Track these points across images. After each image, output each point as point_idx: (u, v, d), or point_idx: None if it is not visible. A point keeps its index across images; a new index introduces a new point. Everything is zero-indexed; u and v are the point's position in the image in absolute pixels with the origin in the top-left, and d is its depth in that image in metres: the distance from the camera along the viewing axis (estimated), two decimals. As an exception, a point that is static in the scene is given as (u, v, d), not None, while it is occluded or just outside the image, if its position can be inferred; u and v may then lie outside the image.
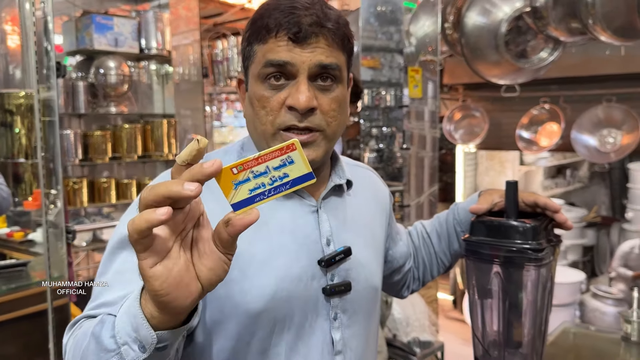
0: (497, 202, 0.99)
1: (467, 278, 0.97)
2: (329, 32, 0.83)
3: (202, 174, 0.54)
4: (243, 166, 0.57)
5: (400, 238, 1.17)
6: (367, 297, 0.95)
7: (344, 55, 0.88)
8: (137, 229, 0.52)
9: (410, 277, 1.20)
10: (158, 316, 0.59)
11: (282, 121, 0.84)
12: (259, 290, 0.83)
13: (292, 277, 0.86)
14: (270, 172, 0.58)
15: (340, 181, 0.96)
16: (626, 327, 1.61)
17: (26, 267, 2.54)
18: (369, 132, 3.53)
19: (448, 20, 3.29)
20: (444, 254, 1.17)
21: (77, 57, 3.91)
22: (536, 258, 0.87)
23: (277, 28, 0.82)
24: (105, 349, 0.62)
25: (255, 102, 0.86)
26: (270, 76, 0.84)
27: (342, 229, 0.93)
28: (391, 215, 1.13)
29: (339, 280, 0.90)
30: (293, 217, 0.89)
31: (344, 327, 0.90)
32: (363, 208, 1.01)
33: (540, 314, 0.92)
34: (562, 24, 2.74)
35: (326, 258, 0.89)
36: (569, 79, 3.80)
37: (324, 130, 0.86)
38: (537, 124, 3.82)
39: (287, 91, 0.84)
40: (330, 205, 0.94)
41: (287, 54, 0.82)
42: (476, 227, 0.94)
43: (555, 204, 0.97)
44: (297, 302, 0.86)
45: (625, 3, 2.45)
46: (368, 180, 1.09)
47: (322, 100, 0.85)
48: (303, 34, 0.81)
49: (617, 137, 3.44)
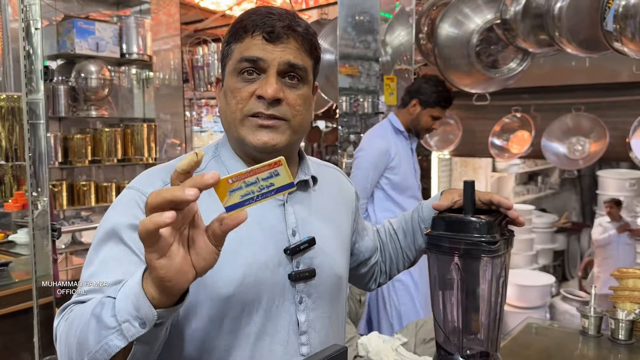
0: (456, 200, 1.08)
1: (429, 270, 1.05)
2: (299, 36, 0.95)
3: (203, 184, 0.64)
4: (237, 178, 0.68)
5: (366, 233, 1.26)
6: (331, 283, 1.04)
7: (310, 61, 0.99)
8: (146, 229, 0.62)
9: (378, 270, 1.29)
10: (158, 297, 0.68)
11: (250, 108, 0.94)
12: (229, 277, 0.92)
13: (260, 264, 0.95)
14: (259, 182, 0.68)
15: (306, 177, 1.05)
16: (584, 321, 1.71)
17: (7, 268, 2.57)
18: (347, 138, 3.60)
19: (422, 30, 3.40)
20: (409, 249, 1.26)
21: (58, 61, 3.92)
22: (490, 250, 0.95)
23: (254, 28, 0.94)
24: (107, 327, 0.71)
25: (229, 94, 0.96)
26: (244, 71, 0.95)
27: (307, 220, 1.03)
28: (357, 212, 1.22)
29: (304, 267, 0.99)
30: (261, 211, 0.97)
31: (309, 310, 1.00)
32: (328, 202, 1.10)
33: (495, 302, 1.01)
34: (530, 36, 2.86)
35: (291, 247, 0.98)
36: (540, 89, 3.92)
37: (289, 120, 0.96)
38: (508, 132, 3.93)
39: (258, 83, 0.94)
40: (296, 199, 1.03)
41: (261, 51, 0.93)
42: (437, 222, 1.03)
43: (507, 201, 1.06)
44: (264, 287, 0.95)
45: (590, 17, 2.56)
46: (334, 178, 1.18)
47: (288, 94, 0.95)
48: (276, 34, 0.93)
49: (586, 145, 3.55)
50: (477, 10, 3.07)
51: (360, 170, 2.78)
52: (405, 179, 2.79)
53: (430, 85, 2.74)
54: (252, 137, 0.95)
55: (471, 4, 3.07)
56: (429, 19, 3.37)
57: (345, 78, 3.33)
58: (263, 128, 0.95)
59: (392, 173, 2.77)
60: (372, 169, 2.74)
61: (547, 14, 2.69)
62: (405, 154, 2.81)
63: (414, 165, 2.86)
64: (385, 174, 2.77)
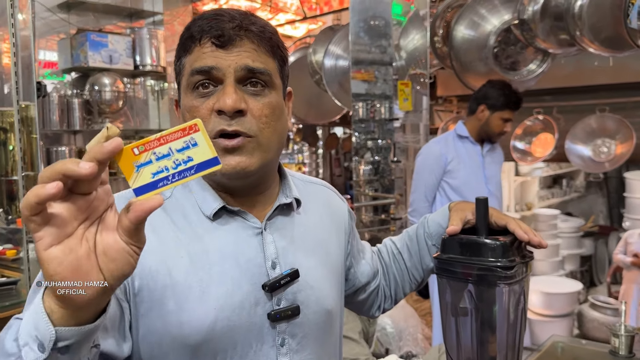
0: (469, 220, 0.99)
1: (439, 295, 0.96)
2: (255, 35, 0.82)
3: (102, 152, 0.52)
4: (145, 146, 0.55)
5: (363, 256, 1.13)
6: (318, 319, 0.91)
7: (274, 62, 0.86)
8: (26, 203, 0.51)
9: (382, 295, 1.17)
10: (57, 310, 0.56)
11: (212, 127, 0.81)
12: (197, 322, 0.80)
13: (234, 306, 0.82)
14: (174, 155, 0.56)
15: (286, 200, 0.92)
16: (614, 341, 1.60)
17: (16, 285, 2.54)
18: (364, 144, 3.52)
19: (437, 33, 3.31)
20: (416, 269, 1.14)
21: (72, 74, 3.93)
22: (506, 276, 0.86)
23: (201, 35, 0.82)
24: (7, 353, 0.59)
25: (187, 115, 0.84)
26: (198, 85, 0.83)
27: (289, 250, 0.90)
28: (352, 233, 1.09)
29: (286, 305, 0.86)
30: (235, 241, 0.86)
31: (293, 352, 0.88)
32: (315, 226, 0.97)
33: (514, 333, 0.92)
34: (550, 36, 2.76)
35: (270, 282, 0.85)
36: (562, 90, 3.82)
37: (256, 136, 0.82)
38: (531, 135, 3.83)
39: (216, 97, 0.82)
40: (277, 225, 0.91)
41: (212, 59, 0.81)
42: (447, 244, 0.94)
43: (523, 234, 0.93)
44: (239, 330, 0.83)
45: (612, 14, 2.46)
46: (323, 197, 1.05)
47: (252, 104, 0.82)
48: (226, 37, 0.80)
49: (611, 147, 3.44)
50: (493, 10, 2.98)
51: (417, 174, 2.86)
52: (467, 184, 2.75)
53: (496, 89, 2.70)
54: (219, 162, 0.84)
55: (487, 4, 2.98)
56: (444, 22, 3.29)
57: (361, 84, 3.25)
58: (229, 152, 0.81)
59: (450, 177, 2.77)
60: (429, 173, 2.80)
61: (567, 12, 2.59)
62: (469, 159, 2.79)
63: (483, 171, 2.80)
64: (445, 178, 2.79)
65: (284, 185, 0.95)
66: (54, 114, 3.60)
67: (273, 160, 0.89)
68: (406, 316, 2.83)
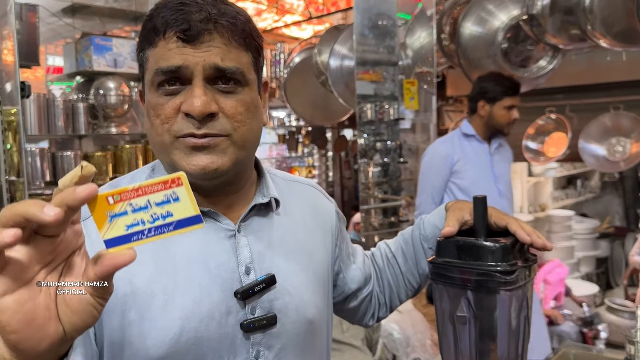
0: (467, 220, 0.92)
1: (435, 302, 0.89)
2: (225, 29, 0.75)
3: (73, 199, 0.47)
4: (121, 196, 0.51)
5: (353, 260, 1.05)
6: (298, 329, 0.84)
7: (248, 55, 0.79)
8: None
9: (375, 302, 1.09)
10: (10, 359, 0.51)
11: (178, 129, 0.75)
12: (161, 334, 0.74)
13: (202, 315, 0.76)
14: (152, 208, 0.51)
15: (264, 200, 0.85)
16: (630, 348, 1.51)
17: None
18: (373, 146, 3.46)
19: (444, 31, 3.24)
20: (412, 274, 1.06)
21: (77, 78, 3.91)
22: (507, 281, 0.79)
23: (165, 27, 0.73)
24: None
25: (151, 112, 0.77)
26: (163, 82, 0.76)
27: (266, 254, 0.83)
28: (340, 235, 1.02)
29: (262, 314, 0.80)
30: (205, 244, 0.79)
31: None
32: (297, 228, 0.90)
33: (516, 342, 0.84)
34: (560, 31, 2.69)
35: (243, 289, 0.78)
36: (574, 88, 3.73)
37: (230, 135, 0.76)
38: (543, 134, 3.75)
39: (183, 96, 0.75)
40: (252, 227, 0.84)
41: (179, 57, 0.73)
42: (442, 247, 0.87)
43: (525, 235, 0.86)
44: (208, 343, 0.76)
45: (624, 7, 2.39)
46: (307, 197, 0.98)
47: (224, 103, 0.76)
48: (193, 31, 0.73)
49: (626, 146, 3.35)
50: (501, 6, 2.91)
51: (423, 175, 2.79)
52: (476, 184, 2.68)
53: (489, 80, 2.66)
54: (187, 163, 0.75)
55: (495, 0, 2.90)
56: (450, 19, 3.22)
57: (368, 85, 3.19)
58: (197, 150, 0.75)
59: (458, 177, 2.70)
60: (435, 174, 2.73)
61: (577, 6, 2.52)
62: (477, 158, 2.72)
63: (492, 170, 2.72)
64: (452, 179, 2.72)
65: (261, 184, 0.88)
66: (59, 119, 3.58)
67: (248, 157, 0.82)
68: (414, 322, 2.75)
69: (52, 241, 0.50)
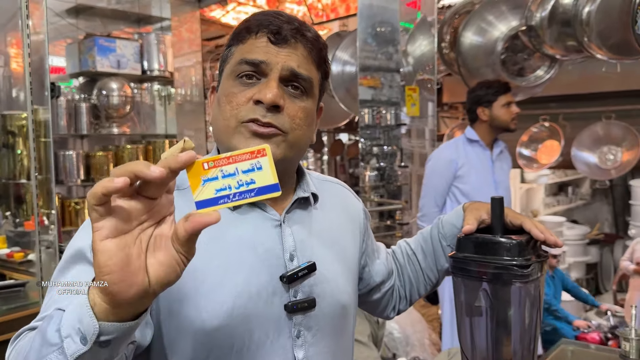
0: (484, 219, 0.99)
1: (454, 295, 0.97)
2: (308, 42, 0.86)
3: (176, 162, 0.55)
4: (214, 163, 0.58)
5: (377, 256, 1.13)
6: (334, 313, 0.91)
7: (318, 74, 0.89)
8: (93, 193, 0.53)
9: (396, 296, 1.17)
10: (100, 304, 0.57)
11: (245, 113, 0.83)
12: (215, 307, 0.81)
13: (251, 293, 0.83)
14: (238, 175, 0.58)
15: (305, 194, 0.93)
16: (625, 345, 1.59)
17: (24, 288, 2.55)
18: (370, 150, 3.53)
19: (445, 39, 3.32)
20: (431, 271, 1.14)
21: (80, 79, 3.94)
22: (522, 275, 0.87)
23: (258, 28, 0.84)
24: (48, 343, 0.60)
25: (223, 99, 0.86)
26: (242, 74, 0.85)
27: (306, 243, 0.91)
28: (367, 232, 1.10)
29: (303, 297, 0.87)
30: (254, 231, 0.87)
31: (308, 345, 0.88)
32: (332, 222, 0.98)
33: (529, 331, 0.92)
34: (558, 42, 2.77)
35: (288, 274, 0.86)
36: (568, 97, 3.81)
37: (287, 132, 0.84)
38: (537, 142, 3.83)
39: (257, 88, 0.84)
40: (295, 219, 0.92)
41: (264, 53, 0.83)
42: (462, 243, 0.94)
43: (539, 233, 0.93)
44: (256, 319, 0.83)
45: (620, 20, 2.46)
46: (339, 195, 1.06)
47: (289, 104, 0.85)
48: (283, 36, 0.83)
49: (618, 154, 3.43)
50: (501, 17, 2.98)
51: (427, 179, 2.86)
52: (477, 189, 2.74)
53: (479, 88, 2.74)
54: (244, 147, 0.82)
55: (495, 11, 2.99)
56: (451, 28, 3.30)
57: (367, 90, 3.26)
58: (257, 137, 0.83)
59: (461, 182, 2.77)
60: (439, 178, 2.80)
61: (574, 18, 2.60)
62: (480, 164, 2.79)
63: (493, 176, 2.79)
64: (455, 183, 2.78)
65: (301, 181, 0.96)
66: (61, 118, 3.62)
67: (294, 159, 0.91)
68: (413, 321, 2.82)
69: (150, 202, 0.57)
